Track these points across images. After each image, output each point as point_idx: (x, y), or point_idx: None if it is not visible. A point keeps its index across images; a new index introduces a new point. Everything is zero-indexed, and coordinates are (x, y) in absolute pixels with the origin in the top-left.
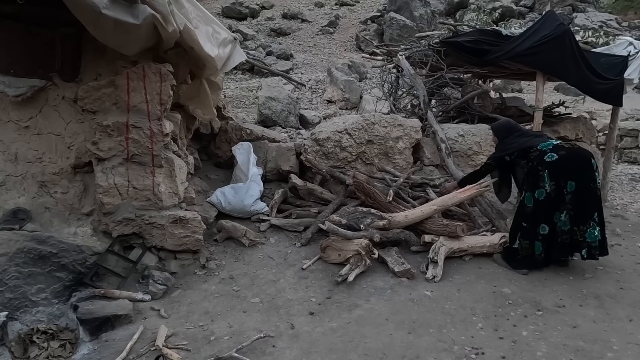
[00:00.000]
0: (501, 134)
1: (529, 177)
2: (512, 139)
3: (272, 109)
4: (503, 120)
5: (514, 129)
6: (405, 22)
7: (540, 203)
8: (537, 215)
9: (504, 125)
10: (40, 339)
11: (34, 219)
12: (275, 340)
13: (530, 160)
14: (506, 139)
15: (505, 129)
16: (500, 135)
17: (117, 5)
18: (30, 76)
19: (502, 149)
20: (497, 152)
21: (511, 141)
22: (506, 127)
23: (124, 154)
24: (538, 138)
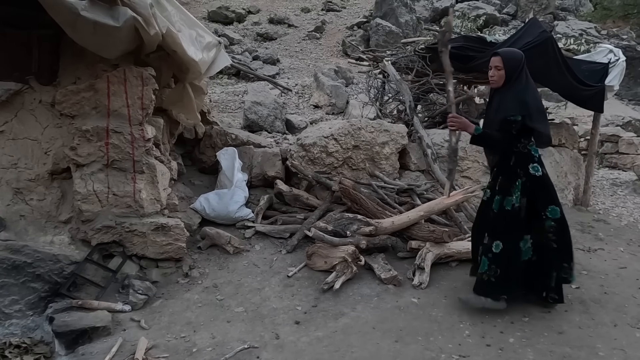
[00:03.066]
0: (513, 66)
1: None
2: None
3: (258, 114)
4: (516, 50)
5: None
6: (391, 28)
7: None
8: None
9: (518, 56)
10: (13, 354)
11: (7, 228)
12: (260, 351)
13: (512, 151)
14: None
15: (519, 63)
16: (511, 68)
17: (96, 7)
18: (6, 79)
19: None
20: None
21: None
22: (521, 62)
23: (104, 159)
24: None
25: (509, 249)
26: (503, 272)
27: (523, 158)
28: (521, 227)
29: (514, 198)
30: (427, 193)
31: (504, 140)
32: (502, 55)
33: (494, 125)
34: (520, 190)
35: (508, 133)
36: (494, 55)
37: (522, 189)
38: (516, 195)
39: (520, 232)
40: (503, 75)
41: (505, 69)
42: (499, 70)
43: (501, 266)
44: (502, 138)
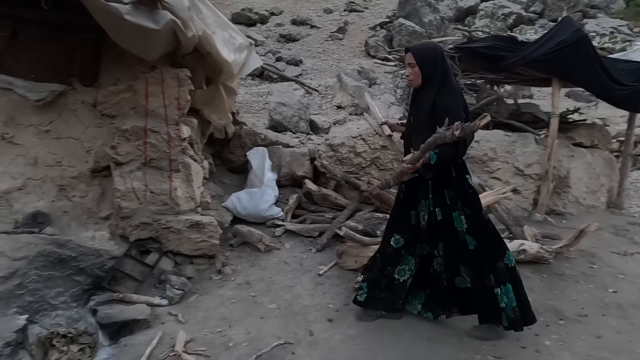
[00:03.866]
0: (427, 62)
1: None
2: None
3: (282, 115)
4: (430, 42)
5: (446, 65)
6: (414, 28)
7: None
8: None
9: (431, 49)
10: (60, 343)
11: (53, 223)
12: (294, 347)
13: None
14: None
15: (433, 56)
16: (425, 64)
17: (139, 11)
18: (51, 81)
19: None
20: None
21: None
22: (435, 55)
23: (142, 158)
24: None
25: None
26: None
27: (461, 168)
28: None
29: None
30: None
31: (456, 152)
32: (413, 50)
33: (422, 127)
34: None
35: (457, 142)
36: (406, 51)
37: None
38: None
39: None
40: (419, 73)
41: (420, 66)
42: (413, 67)
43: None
44: (455, 150)
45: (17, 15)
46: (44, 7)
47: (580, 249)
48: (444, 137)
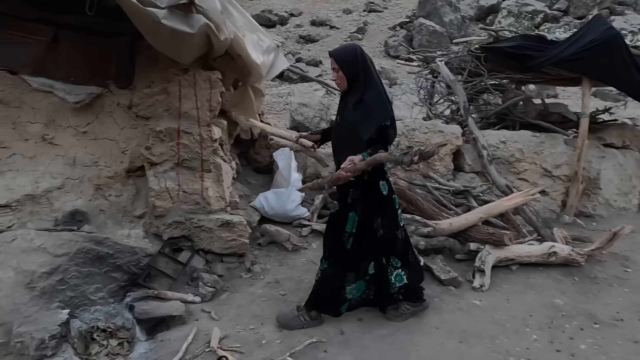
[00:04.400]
0: (350, 65)
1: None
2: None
3: (304, 115)
4: (349, 45)
5: (369, 63)
6: (434, 28)
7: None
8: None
9: (351, 51)
10: (100, 337)
11: (90, 221)
12: (326, 346)
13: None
14: (372, 76)
15: (354, 58)
16: (348, 67)
17: (174, 15)
18: (88, 84)
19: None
20: (379, 105)
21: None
22: (356, 56)
23: (175, 158)
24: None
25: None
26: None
27: (376, 174)
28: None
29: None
30: (483, 195)
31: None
32: (334, 55)
33: (349, 131)
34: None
35: (385, 141)
36: (330, 55)
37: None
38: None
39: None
40: (343, 77)
41: (343, 70)
42: (338, 72)
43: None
44: (384, 149)
45: (57, 20)
46: (88, 12)
47: (613, 252)
48: (400, 160)
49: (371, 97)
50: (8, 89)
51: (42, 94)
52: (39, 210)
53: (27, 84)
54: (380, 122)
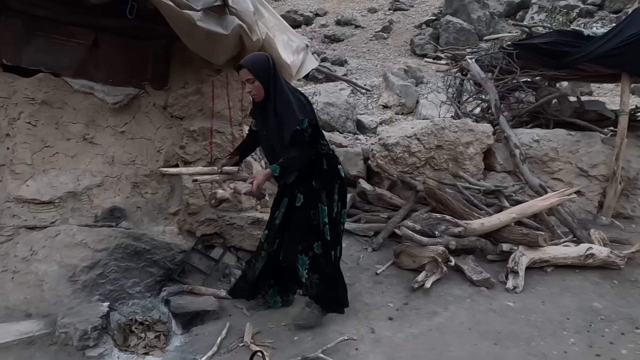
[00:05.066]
0: (265, 73)
1: (323, 183)
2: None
3: (330, 115)
4: (257, 53)
5: (278, 71)
6: (462, 25)
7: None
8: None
9: (264, 59)
10: (138, 330)
11: (127, 217)
12: (358, 344)
13: (318, 152)
14: (281, 82)
15: (268, 65)
16: (264, 76)
17: (209, 17)
18: (126, 85)
19: (299, 103)
20: (296, 107)
21: (298, 93)
22: (269, 63)
23: (208, 157)
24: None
25: (338, 257)
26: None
27: (331, 159)
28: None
29: (335, 204)
30: (515, 195)
31: (305, 153)
32: (247, 65)
33: (275, 139)
34: (337, 193)
35: (304, 143)
36: (239, 68)
37: (339, 191)
38: (335, 201)
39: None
40: (260, 87)
41: (259, 79)
42: (253, 82)
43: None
44: (302, 152)
45: (98, 24)
46: (128, 16)
47: None
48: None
49: (281, 107)
50: (52, 90)
51: (83, 95)
52: (80, 207)
53: (69, 85)
54: (292, 129)
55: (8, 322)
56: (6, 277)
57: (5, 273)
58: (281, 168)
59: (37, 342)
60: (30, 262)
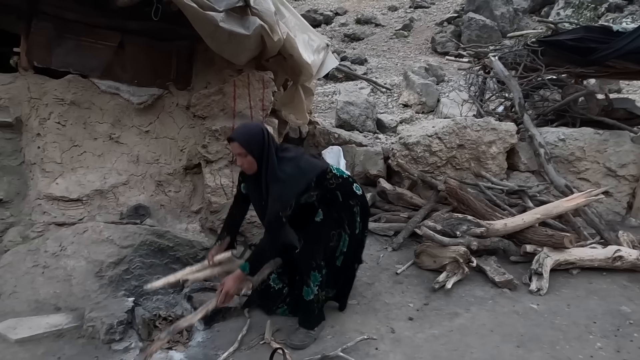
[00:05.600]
0: (258, 147)
1: (343, 213)
2: (278, 159)
3: (350, 114)
4: (250, 124)
5: (272, 140)
6: (485, 22)
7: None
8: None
9: (257, 132)
10: (162, 325)
11: (152, 215)
12: (378, 343)
13: (329, 189)
14: (273, 158)
15: (262, 138)
16: (257, 150)
17: (231, 18)
18: (151, 85)
19: (290, 179)
20: (283, 188)
21: (282, 163)
22: (263, 136)
23: (229, 156)
24: (309, 156)
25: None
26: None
27: (343, 187)
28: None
29: (357, 227)
30: (540, 195)
31: (275, 241)
32: (239, 140)
33: (266, 209)
34: (360, 215)
35: (279, 228)
36: (230, 140)
37: (361, 213)
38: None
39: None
40: (253, 161)
41: (252, 154)
42: (245, 157)
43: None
44: (272, 241)
45: (123, 26)
46: (153, 18)
47: None
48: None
49: (271, 185)
50: (80, 91)
51: (109, 96)
52: (106, 205)
53: (97, 86)
54: (274, 210)
55: (39, 315)
56: (37, 272)
57: (36, 268)
58: (251, 265)
59: (65, 335)
60: (59, 258)
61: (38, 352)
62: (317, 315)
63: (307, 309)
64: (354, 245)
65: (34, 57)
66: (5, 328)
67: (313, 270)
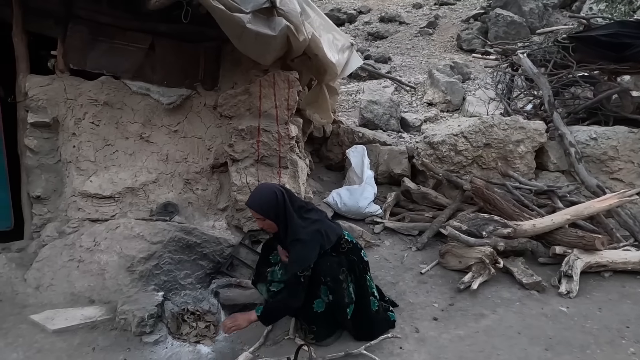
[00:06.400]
0: (273, 211)
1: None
2: (300, 219)
3: (373, 113)
4: (263, 188)
5: (292, 199)
6: (513, 18)
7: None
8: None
9: (270, 196)
10: (190, 319)
11: (180, 212)
12: (402, 342)
13: (343, 252)
14: (293, 219)
15: (275, 202)
16: (273, 214)
17: (258, 19)
18: (179, 86)
19: (310, 241)
20: (303, 249)
21: (304, 224)
22: (277, 199)
23: (255, 155)
24: (329, 220)
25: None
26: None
27: (354, 253)
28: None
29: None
30: (570, 195)
31: (294, 300)
32: (253, 207)
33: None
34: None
35: (298, 288)
36: (249, 207)
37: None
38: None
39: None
40: (272, 224)
41: (269, 217)
42: (264, 220)
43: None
44: (290, 299)
45: (154, 29)
46: (183, 20)
47: None
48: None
49: (291, 244)
50: (113, 92)
51: (140, 97)
52: (137, 202)
53: (128, 87)
54: (293, 270)
55: (74, 307)
56: (72, 266)
57: (72, 262)
58: (265, 312)
59: (99, 327)
60: (93, 252)
61: (74, 342)
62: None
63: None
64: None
65: (70, 59)
66: (43, 319)
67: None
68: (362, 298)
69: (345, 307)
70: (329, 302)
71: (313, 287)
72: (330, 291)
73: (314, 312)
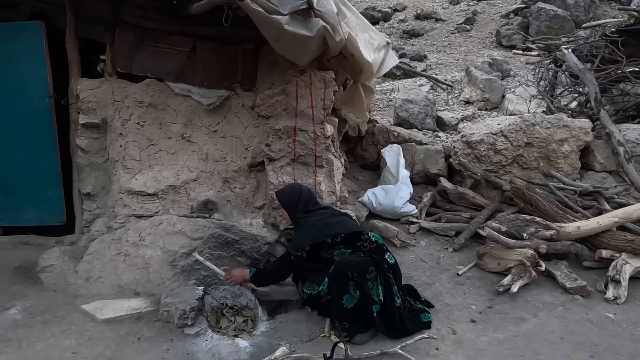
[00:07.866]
0: (286, 200)
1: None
2: (307, 212)
3: (409, 111)
4: (293, 184)
5: (311, 199)
6: (556, 12)
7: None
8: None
9: (293, 192)
10: (229, 313)
11: (219, 210)
12: (438, 343)
13: (363, 251)
14: (299, 212)
15: (294, 197)
16: (285, 203)
17: (295, 20)
18: (219, 87)
19: (310, 227)
20: (301, 233)
21: (308, 215)
22: (295, 194)
23: (291, 154)
24: (353, 221)
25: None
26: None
27: (377, 253)
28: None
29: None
30: (618, 197)
31: (279, 274)
32: (277, 195)
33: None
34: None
35: (285, 265)
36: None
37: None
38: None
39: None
40: (286, 214)
41: (284, 208)
42: (281, 209)
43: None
44: (277, 271)
45: (195, 32)
46: (224, 24)
47: None
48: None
49: (295, 230)
50: (157, 94)
51: (182, 98)
52: (178, 199)
53: (171, 89)
54: (289, 249)
55: (121, 298)
56: (119, 259)
57: (119, 255)
58: (257, 275)
59: (144, 318)
60: (138, 247)
61: (121, 332)
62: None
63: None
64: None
65: (117, 63)
66: (93, 309)
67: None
68: (387, 299)
69: (370, 304)
70: (356, 299)
71: (342, 282)
72: (357, 287)
73: (344, 308)
